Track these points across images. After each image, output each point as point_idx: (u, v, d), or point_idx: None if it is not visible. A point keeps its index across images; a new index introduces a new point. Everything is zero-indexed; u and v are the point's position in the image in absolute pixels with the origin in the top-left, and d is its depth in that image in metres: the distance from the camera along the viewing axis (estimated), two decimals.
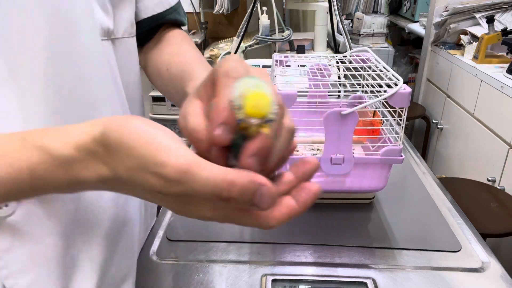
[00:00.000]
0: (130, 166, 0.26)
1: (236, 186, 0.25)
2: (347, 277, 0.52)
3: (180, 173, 0.25)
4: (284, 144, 0.29)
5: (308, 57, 0.78)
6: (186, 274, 0.52)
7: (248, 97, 0.26)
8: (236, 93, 0.26)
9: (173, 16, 0.57)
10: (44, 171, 0.29)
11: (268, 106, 0.26)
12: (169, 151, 0.25)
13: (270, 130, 0.27)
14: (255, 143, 0.26)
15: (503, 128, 1.64)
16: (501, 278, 0.53)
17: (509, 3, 2.02)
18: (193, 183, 0.25)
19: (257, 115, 0.26)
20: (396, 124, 0.59)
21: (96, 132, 0.28)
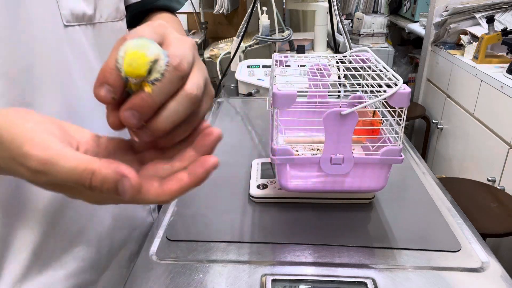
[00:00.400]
0: (4, 157, 0.28)
1: (97, 176, 0.26)
2: (347, 277, 0.52)
3: (42, 164, 0.26)
4: (176, 107, 0.29)
5: (308, 57, 0.78)
6: (186, 274, 0.52)
7: (126, 57, 0.27)
8: (120, 53, 0.27)
9: (161, 2, 0.59)
10: None
11: (144, 65, 0.27)
12: (33, 143, 0.27)
13: (151, 88, 0.27)
14: (132, 99, 0.28)
15: (503, 128, 1.64)
16: (501, 278, 0.53)
17: (509, 3, 2.02)
18: (57, 173, 0.26)
19: (132, 74, 0.27)
20: (396, 124, 0.59)
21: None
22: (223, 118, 1.04)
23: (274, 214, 0.65)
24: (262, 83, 1.25)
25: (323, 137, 0.57)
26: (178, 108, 0.29)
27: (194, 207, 0.66)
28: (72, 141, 0.30)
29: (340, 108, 0.55)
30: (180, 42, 0.31)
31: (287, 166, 0.60)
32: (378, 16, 3.04)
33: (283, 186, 0.62)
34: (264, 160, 0.77)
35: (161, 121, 0.29)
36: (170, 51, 0.29)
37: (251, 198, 0.68)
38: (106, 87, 0.28)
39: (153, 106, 0.28)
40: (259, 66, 1.34)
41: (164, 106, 0.29)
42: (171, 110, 0.29)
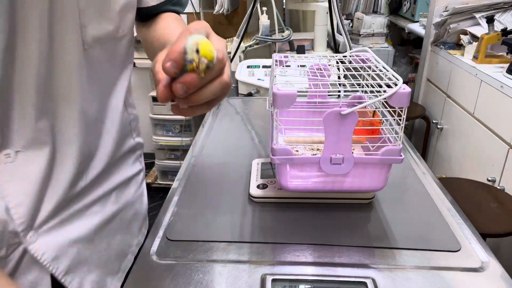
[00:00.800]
0: None
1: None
2: (346, 277, 0.52)
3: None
4: (214, 89, 0.42)
5: (308, 57, 0.78)
6: (186, 274, 0.52)
7: (201, 44, 0.38)
8: (191, 41, 0.38)
9: (166, 8, 0.67)
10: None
11: (213, 52, 0.39)
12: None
13: (205, 73, 0.39)
14: (187, 76, 0.39)
15: (503, 128, 1.64)
16: (500, 278, 0.53)
17: (509, 3, 2.02)
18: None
19: (207, 56, 0.38)
20: (396, 124, 0.59)
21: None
22: (223, 118, 1.04)
23: (274, 214, 0.65)
24: (262, 83, 1.25)
25: (323, 137, 0.57)
26: (215, 90, 0.42)
27: (194, 207, 0.66)
28: None
29: (340, 108, 0.55)
30: (219, 40, 0.43)
31: (287, 166, 0.60)
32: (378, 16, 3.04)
33: (283, 186, 0.62)
34: (264, 160, 0.77)
35: (200, 96, 0.41)
36: (216, 47, 0.40)
37: (251, 198, 0.68)
38: (173, 63, 0.38)
39: (200, 85, 0.40)
40: (259, 66, 1.34)
41: (206, 86, 0.41)
42: (210, 90, 0.41)
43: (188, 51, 0.38)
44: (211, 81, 0.41)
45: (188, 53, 0.38)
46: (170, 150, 2.45)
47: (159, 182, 2.52)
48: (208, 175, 0.76)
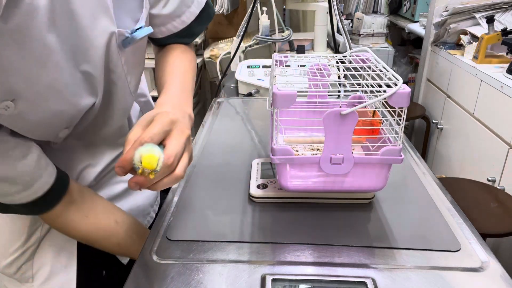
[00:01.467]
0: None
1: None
2: (346, 277, 0.52)
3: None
4: (167, 182, 0.52)
5: (308, 57, 0.78)
6: (186, 274, 0.52)
7: (144, 157, 0.47)
8: (137, 154, 0.48)
9: (173, 41, 0.74)
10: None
11: (155, 164, 0.47)
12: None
13: (153, 175, 0.48)
14: (137, 178, 0.49)
15: (503, 128, 1.64)
16: (500, 278, 0.53)
17: (509, 3, 2.02)
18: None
19: (148, 167, 0.47)
20: (396, 124, 0.59)
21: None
22: (223, 118, 1.04)
23: (274, 214, 0.65)
24: (262, 83, 1.25)
25: (323, 137, 0.57)
26: (167, 183, 0.52)
27: (194, 207, 0.66)
28: None
29: (340, 108, 0.55)
30: (178, 139, 0.52)
31: (287, 166, 0.60)
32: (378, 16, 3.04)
33: (283, 186, 0.62)
34: (264, 160, 0.77)
35: (155, 188, 0.51)
36: (167, 151, 0.50)
37: (251, 198, 0.68)
38: (121, 168, 0.48)
39: (150, 183, 0.50)
40: (259, 66, 1.34)
41: (158, 181, 0.51)
42: (162, 184, 0.51)
43: (134, 161, 0.47)
44: (163, 178, 0.51)
45: (134, 162, 0.48)
46: None
47: None
48: (208, 175, 0.76)
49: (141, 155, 0.47)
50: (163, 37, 0.72)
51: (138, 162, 0.47)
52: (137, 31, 0.58)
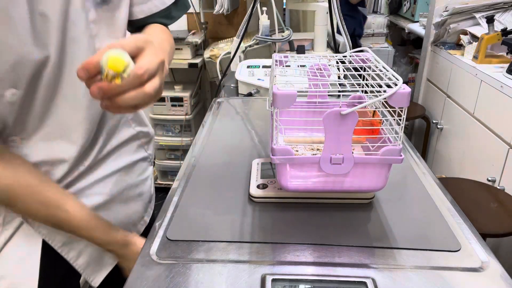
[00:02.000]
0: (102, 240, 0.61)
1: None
2: (346, 277, 0.52)
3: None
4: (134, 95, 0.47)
5: (308, 57, 0.78)
6: (186, 274, 0.52)
7: (110, 58, 0.45)
8: (105, 55, 0.45)
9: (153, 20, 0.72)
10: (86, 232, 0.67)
11: (121, 67, 0.45)
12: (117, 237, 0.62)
13: (120, 80, 0.45)
14: (99, 83, 0.45)
15: (503, 128, 1.64)
16: (500, 277, 0.53)
17: (509, 3, 2.02)
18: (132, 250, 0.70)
19: (113, 69, 0.44)
20: (396, 124, 0.59)
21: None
22: (223, 118, 1.04)
23: (274, 214, 0.65)
24: (262, 83, 1.25)
25: (323, 137, 0.57)
26: (134, 97, 0.47)
27: (194, 207, 0.66)
28: None
29: (340, 108, 0.55)
30: (151, 57, 0.48)
31: (287, 166, 0.60)
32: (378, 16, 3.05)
33: (283, 186, 0.62)
34: (264, 160, 0.77)
35: (121, 100, 0.47)
36: (138, 63, 0.47)
37: (251, 198, 0.68)
38: (84, 69, 0.44)
39: (114, 92, 0.46)
40: (259, 66, 1.34)
41: (125, 93, 0.47)
42: (129, 97, 0.47)
43: (101, 63, 0.45)
44: (130, 90, 0.47)
45: (101, 65, 0.45)
46: (170, 150, 2.45)
47: (159, 182, 2.52)
48: (208, 175, 0.76)
49: (108, 57, 0.44)
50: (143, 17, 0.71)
51: (104, 64, 0.44)
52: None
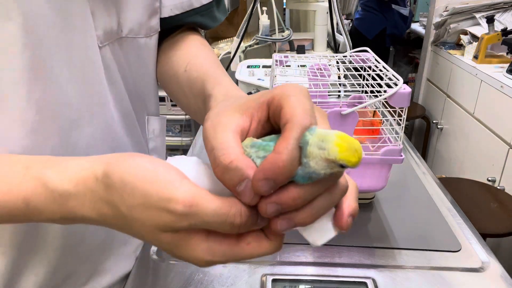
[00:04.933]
0: (134, 204, 0.26)
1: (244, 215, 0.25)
2: (347, 277, 0.52)
3: (189, 207, 0.25)
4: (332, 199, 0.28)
5: (308, 57, 0.78)
6: (186, 274, 0.52)
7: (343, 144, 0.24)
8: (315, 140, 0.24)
9: (192, 19, 0.53)
10: (39, 202, 0.29)
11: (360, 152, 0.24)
12: (174, 187, 0.26)
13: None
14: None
15: (503, 128, 1.64)
16: (501, 278, 0.53)
17: (509, 3, 2.02)
18: (202, 216, 0.25)
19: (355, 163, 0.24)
20: (396, 124, 0.59)
21: (98, 171, 0.28)
22: None
23: None
24: (262, 83, 1.25)
25: None
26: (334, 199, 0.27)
27: None
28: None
29: (341, 108, 0.55)
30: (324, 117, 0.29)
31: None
32: None
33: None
34: None
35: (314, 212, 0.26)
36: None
37: None
38: (272, 183, 0.24)
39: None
40: (259, 66, 1.34)
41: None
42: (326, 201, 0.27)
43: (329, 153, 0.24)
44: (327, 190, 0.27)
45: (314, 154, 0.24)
46: (170, 150, 2.45)
47: None
48: None
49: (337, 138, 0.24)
50: (180, 13, 0.51)
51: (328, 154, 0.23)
52: None
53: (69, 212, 0.29)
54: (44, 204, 0.29)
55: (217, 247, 0.27)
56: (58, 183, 0.29)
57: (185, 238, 0.27)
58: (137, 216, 0.27)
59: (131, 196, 0.26)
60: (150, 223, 0.26)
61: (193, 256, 0.27)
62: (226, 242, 0.27)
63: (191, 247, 0.27)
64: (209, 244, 0.27)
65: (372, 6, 2.75)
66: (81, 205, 0.29)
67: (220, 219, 0.25)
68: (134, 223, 0.27)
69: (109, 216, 0.28)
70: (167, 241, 0.27)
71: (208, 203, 0.25)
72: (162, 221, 0.26)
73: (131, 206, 0.27)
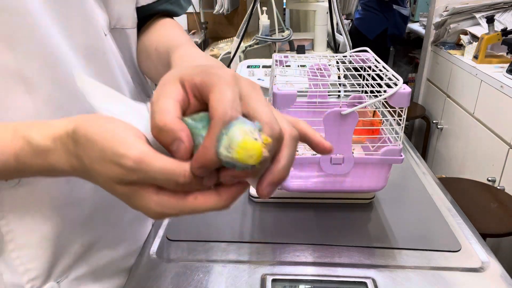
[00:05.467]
0: (94, 157, 0.31)
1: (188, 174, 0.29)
2: (347, 277, 0.52)
3: (137, 163, 0.29)
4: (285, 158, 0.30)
5: (308, 57, 0.78)
6: (186, 274, 0.52)
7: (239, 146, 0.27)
8: (223, 141, 0.27)
9: (163, 7, 0.60)
10: (26, 158, 0.34)
11: (258, 156, 0.27)
12: (127, 145, 0.29)
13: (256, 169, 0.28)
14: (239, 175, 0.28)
15: (503, 128, 1.64)
16: (501, 278, 0.53)
17: (509, 3, 2.02)
18: (149, 172, 0.29)
19: (248, 162, 0.27)
20: (396, 124, 0.59)
21: (69, 128, 0.32)
22: None
23: (274, 214, 0.65)
24: (262, 83, 1.25)
25: None
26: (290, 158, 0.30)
27: None
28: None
29: (340, 108, 0.55)
30: (263, 103, 0.30)
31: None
32: None
33: (283, 186, 0.62)
34: None
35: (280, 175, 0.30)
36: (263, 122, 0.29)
37: (251, 198, 0.68)
38: (204, 169, 0.28)
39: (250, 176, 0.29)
40: (259, 66, 1.34)
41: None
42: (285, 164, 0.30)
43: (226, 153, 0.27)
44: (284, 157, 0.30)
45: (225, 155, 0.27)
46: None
47: None
48: None
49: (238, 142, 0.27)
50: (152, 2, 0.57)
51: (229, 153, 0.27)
52: None
53: (50, 165, 0.34)
54: (30, 159, 0.34)
55: (167, 200, 0.30)
56: (40, 139, 0.33)
57: (138, 190, 0.31)
58: (96, 167, 0.31)
59: (91, 150, 0.31)
60: (105, 175, 0.31)
61: (146, 207, 0.31)
62: (175, 197, 0.30)
63: (143, 199, 0.31)
64: (159, 197, 0.30)
65: (373, 6, 2.75)
66: (58, 158, 0.33)
67: (165, 176, 0.29)
68: (94, 174, 0.31)
69: (77, 168, 0.33)
70: (121, 192, 0.31)
71: (156, 161, 0.29)
72: (115, 174, 0.30)
73: (91, 158, 0.31)
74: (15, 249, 0.43)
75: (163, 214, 0.31)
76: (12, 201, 0.42)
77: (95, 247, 0.51)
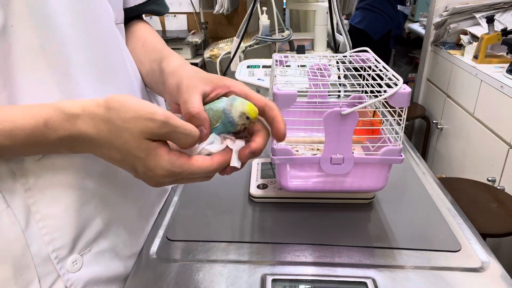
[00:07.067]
0: (127, 118, 0.39)
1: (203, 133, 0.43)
2: (347, 277, 0.52)
3: (168, 118, 0.39)
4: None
5: (308, 57, 0.78)
6: (186, 274, 0.52)
7: (247, 107, 0.44)
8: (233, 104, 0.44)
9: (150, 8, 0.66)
10: (55, 122, 0.39)
11: (256, 112, 0.44)
12: (155, 107, 0.39)
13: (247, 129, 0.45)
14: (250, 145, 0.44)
15: (503, 128, 1.64)
16: (501, 278, 0.53)
17: (509, 3, 2.02)
18: (175, 127, 0.39)
19: (254, 116, 0.44)
20: (396, 124, 0.59)
21: (100, 100, 0.40)
22: None
23: (274, 214, 0.65)
24: (262, 83, 1.25)
25: (323, 137, 0.57)
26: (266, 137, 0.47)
27: (194, 207, 0.66)
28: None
29: (340, 108, 0.55)
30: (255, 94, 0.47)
31: (287, 166, 0.60)
32: None
33: (283, 186, 0.62)
34: (264, 160, 0.77)
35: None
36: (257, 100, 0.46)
37: (251, 198, 0.68)
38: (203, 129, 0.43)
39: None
40: (259, 66, 1.34)
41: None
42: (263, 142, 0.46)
43: (228, 113, 0.44)
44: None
45: (228, 115, 0.44)
46: None
47: None
48: None
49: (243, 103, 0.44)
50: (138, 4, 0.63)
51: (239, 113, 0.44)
52: None
53: (77, 130, 0.40)
54: (59, 124, 0.39)
55: (175, 160, 0.40)
56: (70, 108, 0.40)
57: (156, 148, 0.40)
58: (128, 125, 0.39)
59: (125, 113, 0.39)
60: (137, 130, 0.39)
61: (159, 165, 0.40)
62: (182, 158, 0.41)
63: (157, 156, 0.40)
64: (170, 156, 0.40)
65: (377, 6, 2.74)
66: (85, 123, 0.39)
67: (186, 132, 0.40)
68: (124, 132, 0.39)
69: (103, 131, 0.40)
70: (144, 147, 0.39)
71: (179, 120, 0.40)
72: (148, 128, 0.39)
73: (125, 118, 0.39)
74: (40, 220, 0.45)
75: (170, 172, 0.40)
76: (36, 174, 0.44)
77: (114, 225, 0.54)
